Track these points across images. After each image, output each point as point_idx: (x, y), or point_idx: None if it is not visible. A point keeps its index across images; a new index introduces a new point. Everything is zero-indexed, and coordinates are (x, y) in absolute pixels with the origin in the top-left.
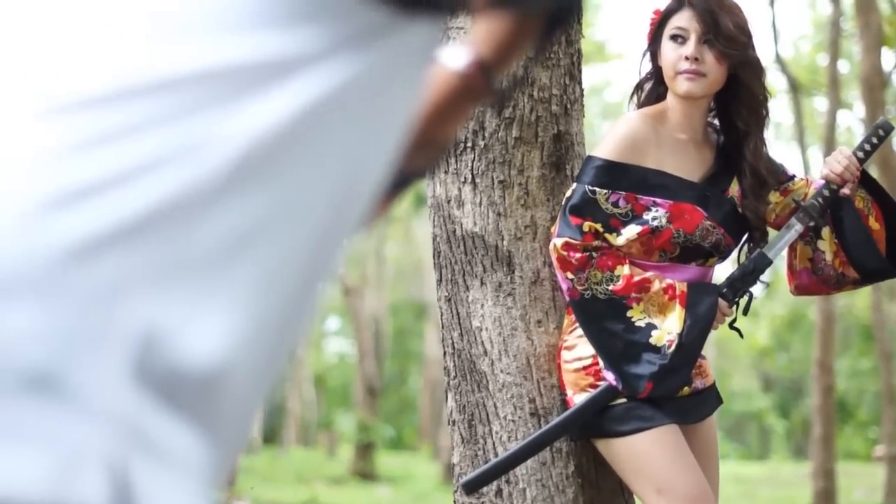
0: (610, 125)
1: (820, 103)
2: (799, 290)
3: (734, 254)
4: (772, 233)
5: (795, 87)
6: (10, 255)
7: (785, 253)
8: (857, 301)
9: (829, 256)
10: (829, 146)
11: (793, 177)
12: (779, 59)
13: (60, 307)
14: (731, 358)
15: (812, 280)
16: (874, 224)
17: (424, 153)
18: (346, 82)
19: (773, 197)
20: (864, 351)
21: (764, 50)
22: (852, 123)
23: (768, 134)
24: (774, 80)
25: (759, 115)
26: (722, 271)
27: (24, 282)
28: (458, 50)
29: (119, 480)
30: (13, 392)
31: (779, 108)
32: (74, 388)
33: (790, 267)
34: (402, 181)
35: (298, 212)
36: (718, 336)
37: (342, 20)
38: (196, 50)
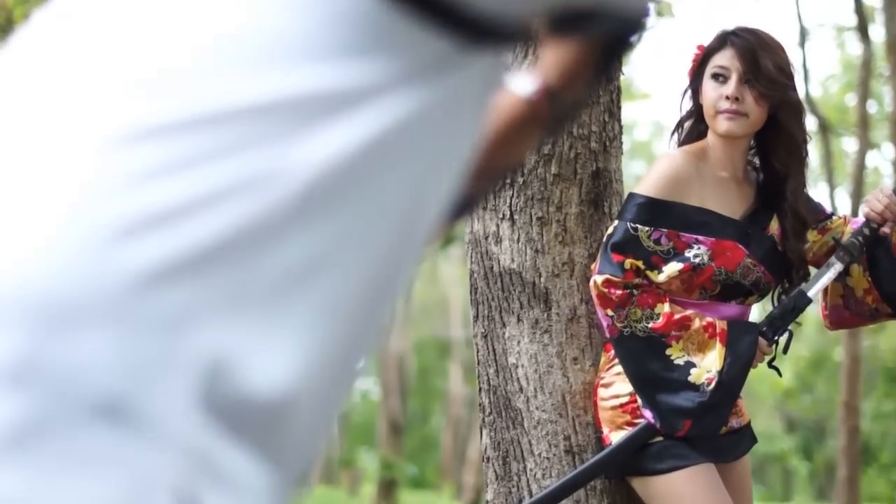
0: (637, 164)
1: (848, 143)
2: (834, 325)
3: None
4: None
5: (825, 127)
6: (81, 282)
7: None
8: (882, 342)
9: (859, 293)
10: (858, 186)
11: (830, 215)
12: (808, 99)
13: (131, 335)
14: (754, 399)
15: (846, 315)
16: None
17: (487, 178)
18: (411, 114)
19: (811, 235)
20: (888, 393)
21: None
22: (881, 164)
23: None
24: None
25: (798, 155)
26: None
27: (95, 309)
28: (526, 77)
29: None
30: (84, 419)
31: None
32: (144, 416)
33: (824, 303)
34: (463, 206)
35: (363, 242)
36: None
37: (407, 52)
38: (264, 81)
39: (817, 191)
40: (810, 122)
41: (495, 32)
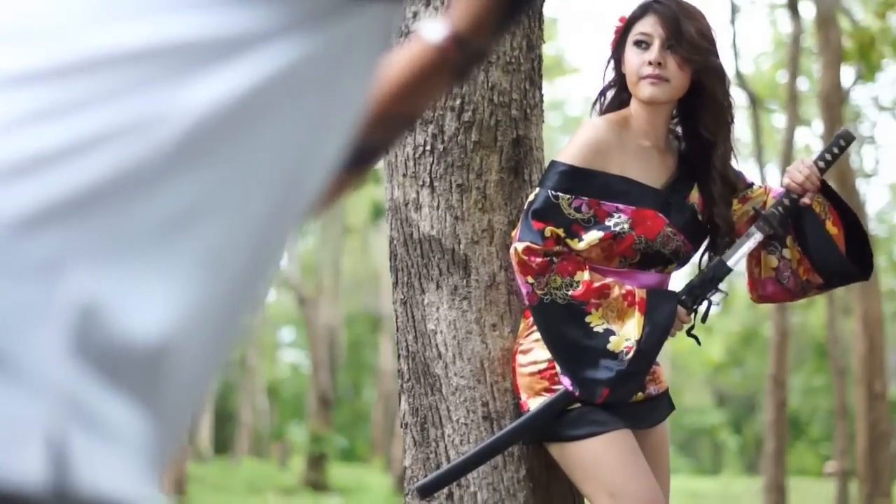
0: (568, 139)
1: (778, 120)
2: (761, 299)
3: (694, 260)
4: None
5: (755, 103)
6: None
7: (744, 262)
8: (811, 318)
9: (794, 264)
10: (788, 162)
11: (751, 184)
12: (739, 76)
13: (2, 280)
14: (684, 373)
15: (776, 288)
16: (832, 229)
17: (392, 126)
18: (298, 62)
19: (732, 204)
20: (817, 368)
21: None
22: (811, 140)
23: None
24: (734, 96)
25: (724, 121)
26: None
27: None
28: (435, 23)
29: (58, 454)
30: None
31: (738, 124)
32: (14, 362)
33: (752, 276)
34: (365, 156)
35: (247, 190)
36: (673, 350)
37: (294, 0)
38: (144, 26)
39: (747, 167)
40: (740, 98)
41: None
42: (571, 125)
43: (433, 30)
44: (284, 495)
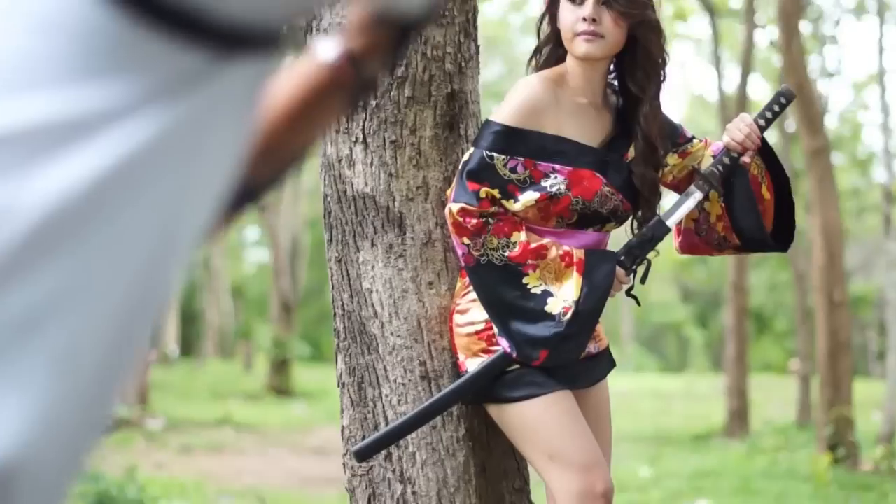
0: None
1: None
2: (682, 249)
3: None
4: (670, 196)
5: (711, 10)
6: None
7: None
8: None
9: (712, 219)
10: (746, 68)
11: (691, 139)
12: None
13: None
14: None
15: (696, 240)
16: (765, 193)
17: (283, 160)
18: (160, 134)
19: (671, 159)
20: (782, 264)
21: None
22: (768, 40)
23: (688, 52)
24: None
25: (655, 77)
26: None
27: None
28: (329, 43)
29: None
30: None
31: (698, 31)
32: None
33: (677, 227)
34: (254, 193)
35: (105, 279)
36: None
37: (151, 70)
38: None
39: (708, 71)
40: (699, 7)
41: (250, 41)
42: (532, 26)
43: (327, 48)
44: (248, 401)
